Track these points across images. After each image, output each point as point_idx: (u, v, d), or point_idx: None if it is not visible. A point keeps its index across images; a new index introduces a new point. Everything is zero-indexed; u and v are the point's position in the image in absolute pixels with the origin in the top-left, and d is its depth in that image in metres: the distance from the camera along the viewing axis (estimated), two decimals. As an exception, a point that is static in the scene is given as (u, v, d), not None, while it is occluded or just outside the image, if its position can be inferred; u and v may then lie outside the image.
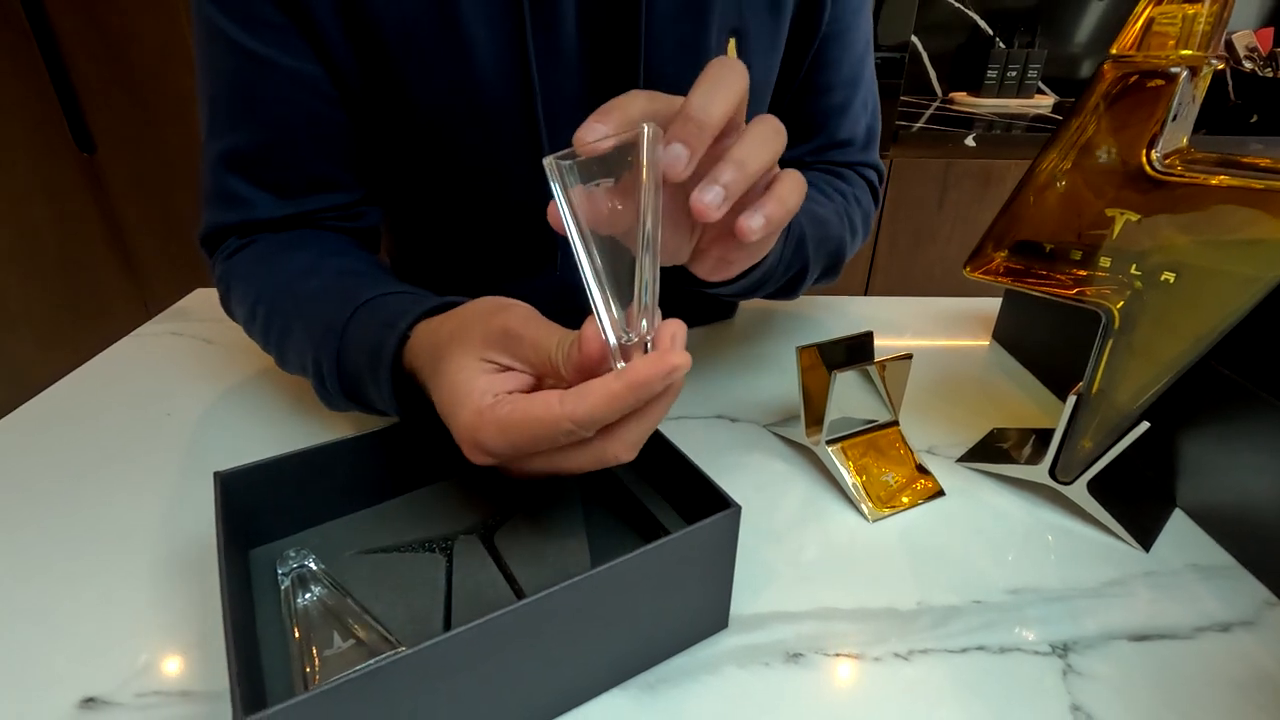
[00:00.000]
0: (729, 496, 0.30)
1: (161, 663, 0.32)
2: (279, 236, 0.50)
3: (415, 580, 0.33)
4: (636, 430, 0.28)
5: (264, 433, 0.50)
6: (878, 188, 0.65)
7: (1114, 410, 0.39)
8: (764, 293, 0.53)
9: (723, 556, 0.31)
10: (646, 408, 0.28)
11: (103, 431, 0.50)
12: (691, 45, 0.49)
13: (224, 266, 0.50)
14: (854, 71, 0.59)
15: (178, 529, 0.41)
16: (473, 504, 0.37)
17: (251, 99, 0.47)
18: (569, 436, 0.27)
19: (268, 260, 0.49)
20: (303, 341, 0.43)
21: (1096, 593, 0.37)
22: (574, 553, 0.34)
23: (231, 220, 0.50)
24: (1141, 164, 0.34)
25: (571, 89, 0.49)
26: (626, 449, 0.29)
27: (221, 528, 0.31)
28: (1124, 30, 0.34)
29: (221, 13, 0.45)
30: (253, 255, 0.50)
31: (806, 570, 0.38)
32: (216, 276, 0.52)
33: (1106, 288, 0.37)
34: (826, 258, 0.55)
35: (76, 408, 0.53)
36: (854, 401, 0.44)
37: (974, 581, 0.37)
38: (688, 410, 0.52)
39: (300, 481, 0.35)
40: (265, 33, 0.45)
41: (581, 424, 0.27)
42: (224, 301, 0.52)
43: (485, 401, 0.29)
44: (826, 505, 0.43)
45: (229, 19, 0.44)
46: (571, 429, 0.27)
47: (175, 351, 0.62)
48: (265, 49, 0.45)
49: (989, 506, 0.43)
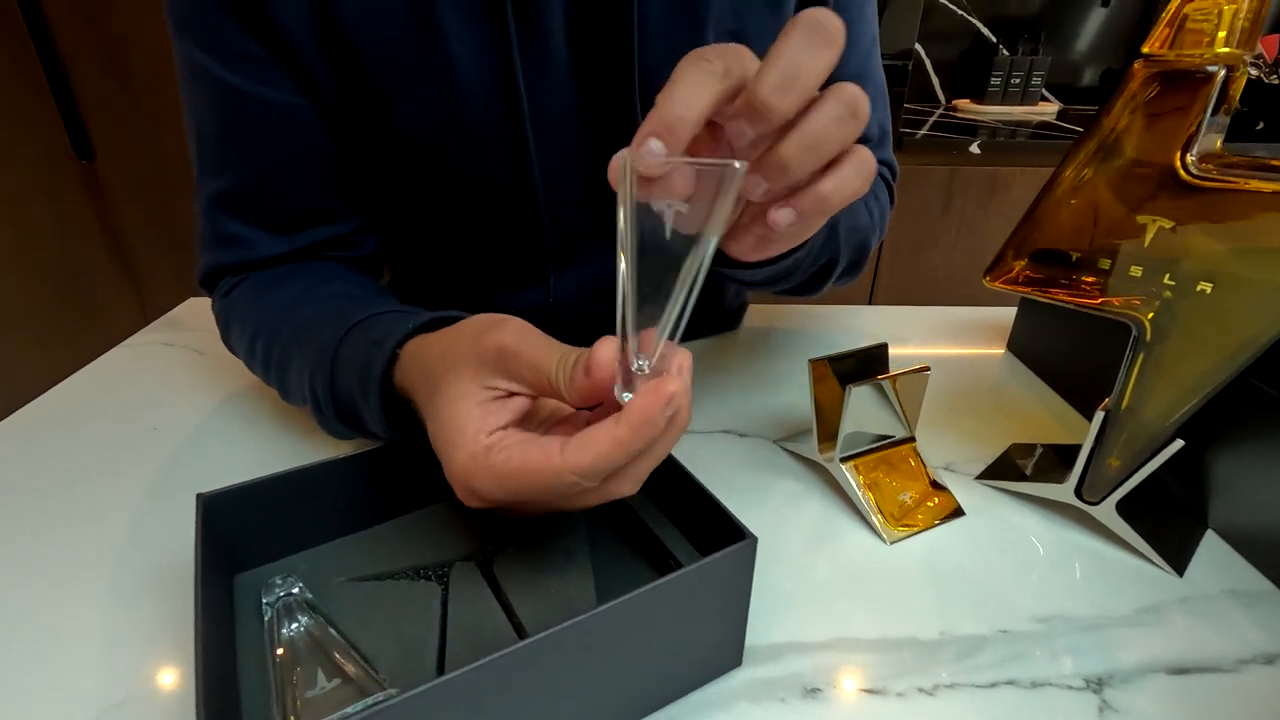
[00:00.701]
0: (744, 526, 0.28)
1: (139, 700, 0.30)
2: (274, 270, 0.49)
3: (408, 610, 0.31)
4: (642, 467, 0.27)
5: (253, 448, 0.48)
6: (893, 185, 0.63)
7: (1144, 428, 0.37)
8: (791, 284, 0.50)
9: (737, 590, 0.29)
10: (651, 446, 0.26)
11: (86, 447, 0.48)
12: (687, 51, 0.47)
13: (222, 304, 0.49)
14: (861, 66, 0.57)
15: (161, 552, 0.39)
16: (470, 528, 0.35)
17: (238, 135, 0.46)
18: (571, 488, 0.25)
19: (263, 293, 0.48)
20: (300, 369, 0.41)
21: (1130, 621, 0.35)
22: (577, 583, 0.32)
23: (229, 260, 0.49)
24: (1175, 168, 0.32)
25: (562, 103, 0.48)
26: (630, 484, 0.27)
27: (201, 554, 0.29)
28: (1155, 28, 0.32)
29: (200, 49, 0.43)
30: (248, 290, 0.48)
31: (822, 596, 0.36)
32: (216, 313, 0.51)
33: (1136, 298, 0.35)
34: (853, 250, 0.52)
35: (61, 421, 0.51)
36: (869, 417, 0.42)
37: (1000, 609, 0.35)
38: (694, 425, 0.51)
39: (288, 504, 0.33)
40: (246, 66, 0.43)
41: (585, 475, 0.25)
42: (225, 339, 0.51)
43: (480, 444, 0.27)
44: (841, 526, 0.41)
45: (208, 55, 0.43)
46: (575, 480, 0.25)
47: (165, 362, 0.60)
48: (247, 83, 0.44)
49: (1011, 527, 0.41)
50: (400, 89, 0.45)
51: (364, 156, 0.49)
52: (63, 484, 0.45)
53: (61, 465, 0.46)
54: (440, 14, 0.43)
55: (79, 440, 0.49)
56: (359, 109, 0.46)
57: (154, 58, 1.52)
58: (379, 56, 0.44)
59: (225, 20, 0.42)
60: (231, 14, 0.42)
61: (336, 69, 0.44)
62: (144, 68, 1.53)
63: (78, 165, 1.62)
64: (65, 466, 0.46)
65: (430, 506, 0.37)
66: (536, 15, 0.44)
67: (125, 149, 1.62)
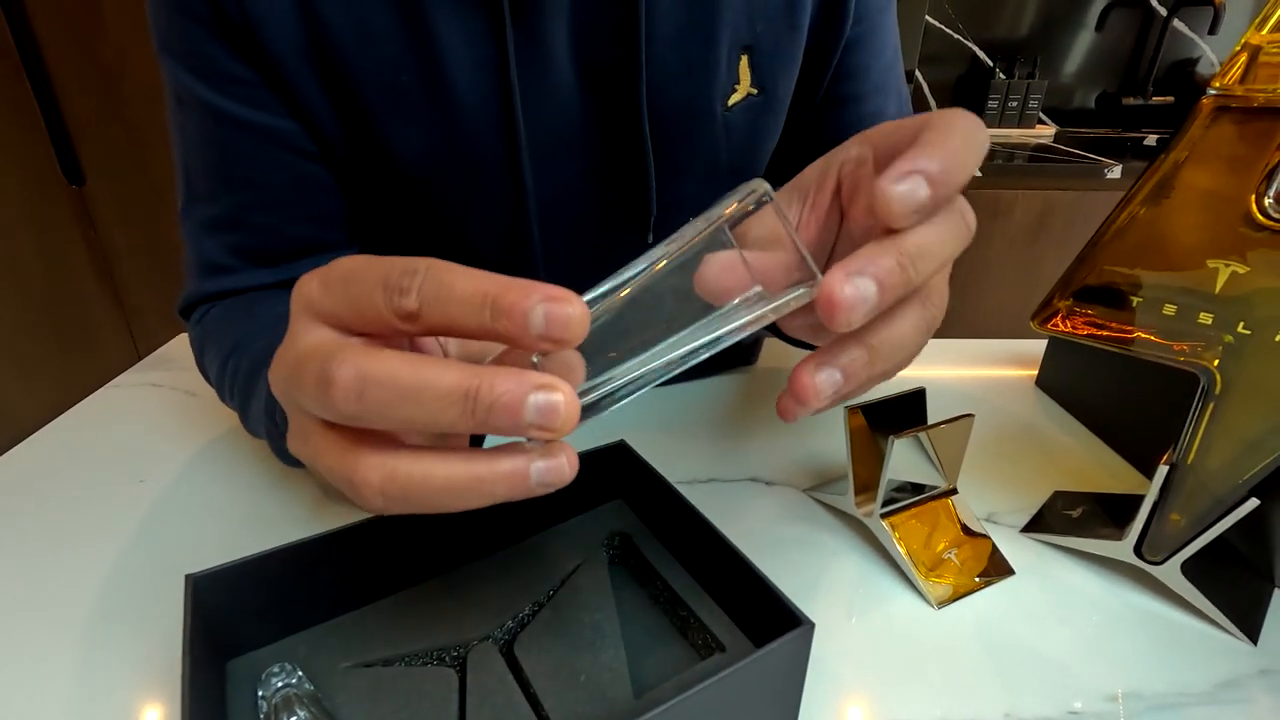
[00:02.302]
0: (800, 612, 0.25)
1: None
2: (254, 293, 0.46)
3: (421, 702, 0.28)
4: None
5: (246, 503, 0.44)
6: None
7: (1211, 485, 0.34)
8: None
9: (792, 680, 0.26)
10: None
11: (68, 505, 0.45)
12: (699, 67, 0.45)
13: (198, 330, 0.47)
14: (883, 78, 0.54)
15: (146, 633, 0.35)
16: (487, 601, 0.32)
17: (227, 159, 0.43)
18: (403, 276, 0.19)
19: (238, 313, 0.45)
20: (260, 391, 0.38)
21: (1209, 698, 0.32)
22: (610, 668, 0.29)
23: (213, 290, 0.46)
24: (1251, 209, 0.30)
25: (566, 128, 0.45)
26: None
27: (189, 641, 0.26)
28: (1228, 62, 0.30)
29: (188, 71, 0.41)
30: (223, 311, 0.46)
31: (873, 675, 0.33)
32: (192, 340, 0.48)
33: (1203, 346, 0.33)
34: None
35: (42, 473, 0.48)
36: (910, 468, 0.39)
37: (1066, 684, 0.32)
38: (716, 472, 0.48)
39: (286, 582, 0.30)
40: (234, 89, 0.41)
41: (426, 274, 0.19)
42: (199, 363, 0.48)
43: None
44: (884, 589, 0.38)
45: (196, 77, 0.41)
46: (412, 270, 0.19)
47: (154, 405, 0.57)
48: (236, 106, 0.41)
49: (1067, 588, 0.38)
50: (395, 110, 0.43)
51: (358, 183, 0.47)
52: (40, 549, 0.41)
53: (40, 527, 0.43)
54: (437, 33, 0.40)
55: (60, 497, 0.46)
56: (353, 132, 0.44)
57: (147, 85, 1.50)
58: (373, 76, 0.41)
59: (212, 42, 0.40)
60: (218, 35, 0.40)
61: (329, 90, 0.42)
62: (136, 94, 1.51)
63: (67, 191, 1.58)
64: (43, 529, 0.43)
65: (441, 576, 0.34)
66: (539, 33, 0.42)
67: (116, 176, 1.60)
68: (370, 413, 0.19)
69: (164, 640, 0.34)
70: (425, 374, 0.18)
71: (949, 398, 0.58)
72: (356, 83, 0.41)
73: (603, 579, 0.33)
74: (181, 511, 0.44)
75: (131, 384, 0.61)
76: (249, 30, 0.39)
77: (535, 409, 0.18)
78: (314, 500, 0.44)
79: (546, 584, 0.33)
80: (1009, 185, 1.50)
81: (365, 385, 0.18)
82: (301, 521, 0.43)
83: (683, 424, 0.54)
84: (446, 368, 0.18)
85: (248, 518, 0.43)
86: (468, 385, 0.18)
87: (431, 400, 0.18)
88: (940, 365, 0.64)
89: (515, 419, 0.18)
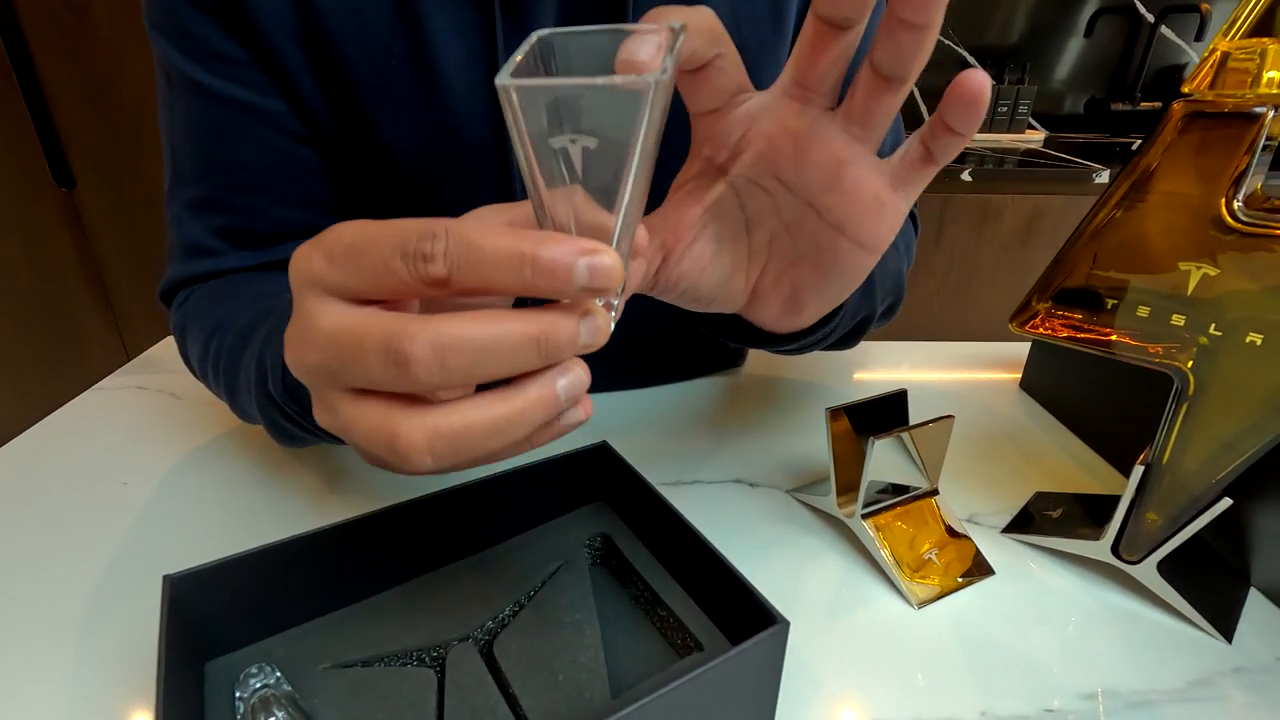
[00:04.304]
0: (775, 610, 0.25)
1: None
2: (238, 275, 0.46)
3: (400, 702, 0.28)
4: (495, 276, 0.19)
5: (228, 506, 0.44)
6: (914, 210, 0.61)
7: (1186, 485, 0.35)
8: (825, 345, 0.46)
9: (768, 678, 0.26)
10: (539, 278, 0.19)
11: (50, 507, 0.45)
12: None
13: (179, 314, 0.46)
14: None
15: (126, 634, 0.35)
16: (467, 602, 0.32)
17: (214, 140, 0.43)
18: (422, 239, 0.18)
19: (220, 294, 0.44)
20: (249, 365, 0.37)
21: (1183, 695, 0.32)
22: (588, 668, 0.29)
23: (195, 272, 0.46)
24: (1220, 213, 0.31)
25: None
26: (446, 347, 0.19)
27: (166, 641, 0.26)
28: (1197, 68, 0.31)
29: (179, 50, 0.41)
30: (206, 293, 0.45)
31: (851, 674, 0.33)
32: (173, 326, 0.47)
33: (1176, 347, 0.33)
34: (890, 293, 0.49)
35: (24, 476, 0.48)
36: (891, 468, 0.40)
37: (1042, 683, 0.33)
38: (700, 474, 0.48)
39: (265, 582, 0.30)
40: (225, 69, 0.41)
41: (451, 238, 0.18)
42: (182, 352, 0.47)
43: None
44: (865, 588, 0.38)
45: (186, 57, 0.41)
46: (430, 231, 0.18)
47: (139, 408, 0.57)
48: (225, 85, 0.41)
49: (1045, 587, 0.39)
50: (385, 97, 0.43)
51: (348, 170, 0.47)
52: (22, 551, 0.41)
53: (23, 529, 0.43)
54: (427, 21, 0.41)
55: (42, 499, 0.45)
56: (342, 117, 0.44)
57: (139, 90, 1.50)
58: (363, 62, 0.41)
59: (203, 21, 0.40)
60: (209, 14, 0.40)
61: (319, 74, 0.42)
62: (127, 97, 1.51)
63: (57, 194, 1.58)
64: (26, 531, 0.43)
65: (421, 577, 0.34)
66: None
67: (106, 181, 1.59)
68: (454, 378, 0.19)
69: (145, 642, 0.34)
70: (493, 329, 0.19)
71: (934, 400, 0.59)
72: (346, 67, 0.41)
73: (583, 580, 0.33)
74: (164, 514, 0.44)
75: (116, 386, 0.60)
76: (240, 10, 0.39)
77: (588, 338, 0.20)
78: (298, 503, 0.44)
79: (527, 585, 0.33)
80: (999, 190, 1.51)
81: (445, 354, 0.19)
82: (286, 524, 0.43)
83: (668, 426, 0.54)
84: (510, 318, 0.19)
85: (231, 520, 0.43)
86: (535, 331, 0.19)
87: (507, 352, 0.19)
88: (926, 368, 0.65)
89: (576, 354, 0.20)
